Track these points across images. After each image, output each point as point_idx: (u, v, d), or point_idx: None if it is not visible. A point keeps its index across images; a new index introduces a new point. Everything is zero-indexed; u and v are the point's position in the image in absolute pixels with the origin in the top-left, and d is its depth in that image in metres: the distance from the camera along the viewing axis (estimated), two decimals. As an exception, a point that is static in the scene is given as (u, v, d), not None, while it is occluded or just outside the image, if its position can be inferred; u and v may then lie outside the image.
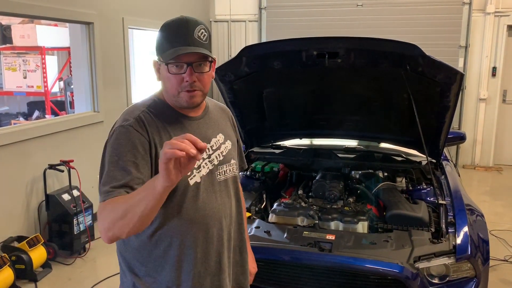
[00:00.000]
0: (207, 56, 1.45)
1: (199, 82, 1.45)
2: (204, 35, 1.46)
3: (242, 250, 1.71)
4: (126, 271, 1.53)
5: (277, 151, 3.69)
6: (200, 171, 1.50)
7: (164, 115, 1.49)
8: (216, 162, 1.56)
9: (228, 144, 1.65)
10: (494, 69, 6.95)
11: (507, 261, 3.88)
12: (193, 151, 1.13)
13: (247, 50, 2.73)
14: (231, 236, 1.62)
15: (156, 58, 1.51)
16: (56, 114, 7.03)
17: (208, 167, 1.53)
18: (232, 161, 1.65)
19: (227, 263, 1.59)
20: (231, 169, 1.64)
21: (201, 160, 1.51)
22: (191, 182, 1.46)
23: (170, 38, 1.43)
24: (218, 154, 1.58)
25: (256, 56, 2.81)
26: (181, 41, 1.42)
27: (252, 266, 1.87)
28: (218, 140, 1.61)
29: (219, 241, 1.55)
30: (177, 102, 1.48)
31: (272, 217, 2.69)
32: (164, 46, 1.44)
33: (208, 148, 1.55)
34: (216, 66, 1.66)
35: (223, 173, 1.59)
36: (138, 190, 1.28)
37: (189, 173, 1.44)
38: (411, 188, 3.04)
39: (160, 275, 1.49)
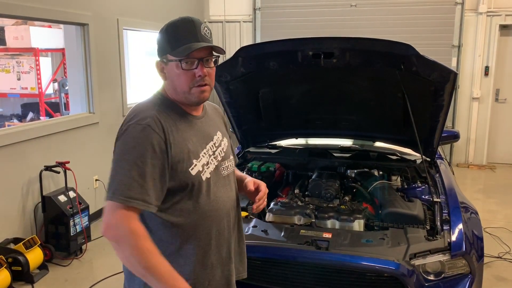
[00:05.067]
0: (212, 52, 1.51)
1: (209, 76, 1.52)
2: (209, 32, 1.53)
3: (241, 240, 1.77)
4: (133, 276, 1.48)
5: (273, 151, 3.71)
6: (209, 167, 1.56)
7: (173, 113, 1.53)
8: (219, 158, 1.63)
9: (225, 141, 1.72)
10: (487, 68, 7.01)
11: (501, 257, 3.92)
12: None
13: (244, 51, 2.74)
14: (235, 227, 1.70)
15: (158, 59, 1.55)
16: (50, 116, 7.00)
17: (214, 163, 1.59)
18: (231, 157, 1.73)
19: (233, 252, 1.67)
20: (231, 165, 1.72)
21: (208, 156, 1.56)
22: (204, 178, 1.52)
23: (180, 36, 1.48)
24: (220, 151, 1.65)
25: (252, 57, 2.83)
26: (192, 37, 1.48)
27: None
28: (218, 138, 1.67)
29: (228, 232, 1.63)
30: (187, 99, 1.53)
31: (269, 216, 2.70)
32: (173, 44, 1.48)
33: (212, 145, 1.61)
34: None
35: (226, 168, 1.66)
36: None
37: (200, 169, 1.51)
38: (406, 186, 3.07)
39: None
